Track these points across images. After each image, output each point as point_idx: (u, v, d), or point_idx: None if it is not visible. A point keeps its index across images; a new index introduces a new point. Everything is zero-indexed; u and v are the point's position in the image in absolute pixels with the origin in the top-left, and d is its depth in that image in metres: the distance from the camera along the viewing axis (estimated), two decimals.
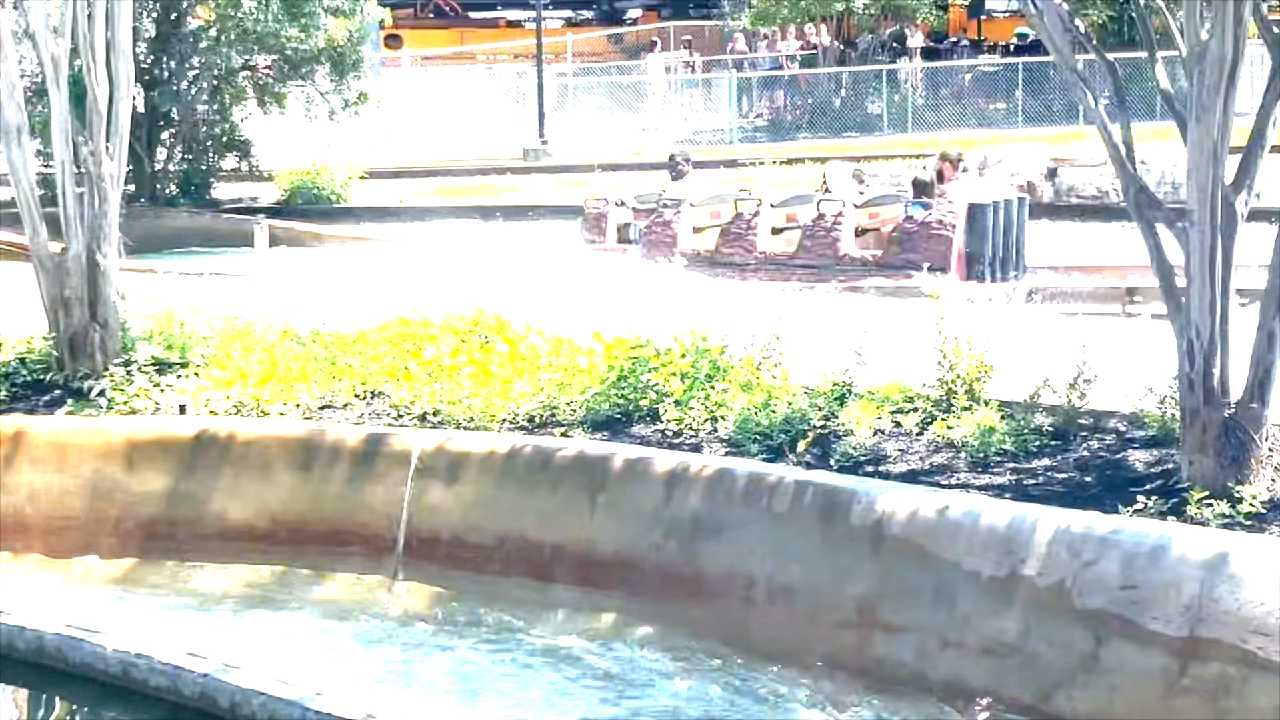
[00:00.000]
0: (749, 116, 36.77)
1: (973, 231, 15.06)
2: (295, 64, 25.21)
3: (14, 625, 5.62)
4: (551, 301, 10.81)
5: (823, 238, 15.79)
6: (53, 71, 9.07)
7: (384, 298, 12.73)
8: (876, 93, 34.82)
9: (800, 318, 8.77)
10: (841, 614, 6.22)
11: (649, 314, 9.56)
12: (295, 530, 7.83)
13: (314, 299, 13.77)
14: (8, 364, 9.24)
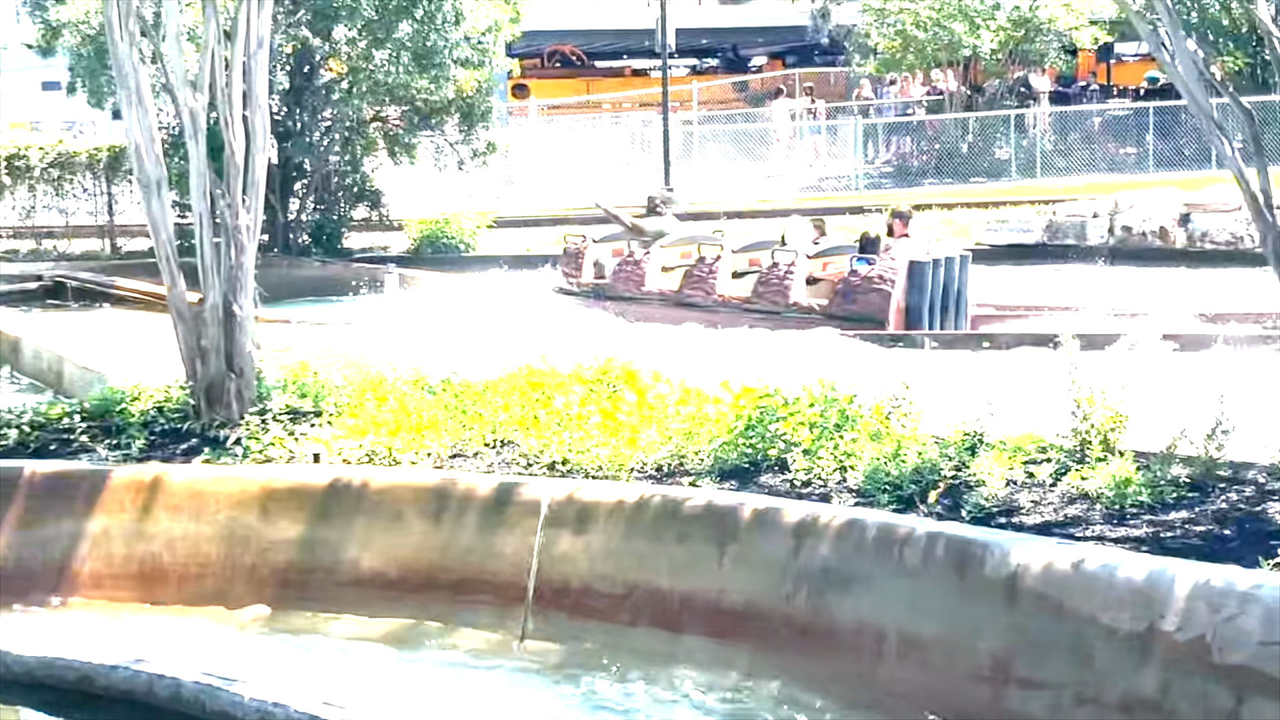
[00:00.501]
0: (875, 163, 36.67)
1: (912, 286, 16.07)
2: (425, 115, 25.56)
3: (153, 673, 5.69)
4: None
5: (776, 285, 16.81)
6: (191, 125, 9.23)
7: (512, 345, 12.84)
8: (1004, 138, 34.59)
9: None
10: (975, 668, 6.14)
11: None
12: (426, 579, 7.87)
13: (443, 347, 13.92)
14: (146, 413, 9.37)
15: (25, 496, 8.54)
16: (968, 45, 34.47)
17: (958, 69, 36.67)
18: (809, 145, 37.72)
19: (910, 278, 16.18)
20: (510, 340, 13.40)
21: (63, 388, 13.51)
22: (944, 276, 16.59)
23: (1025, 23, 34.74)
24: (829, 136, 37.90)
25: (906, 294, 16.10)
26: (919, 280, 16.21)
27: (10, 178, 28.56)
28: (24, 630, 6.56)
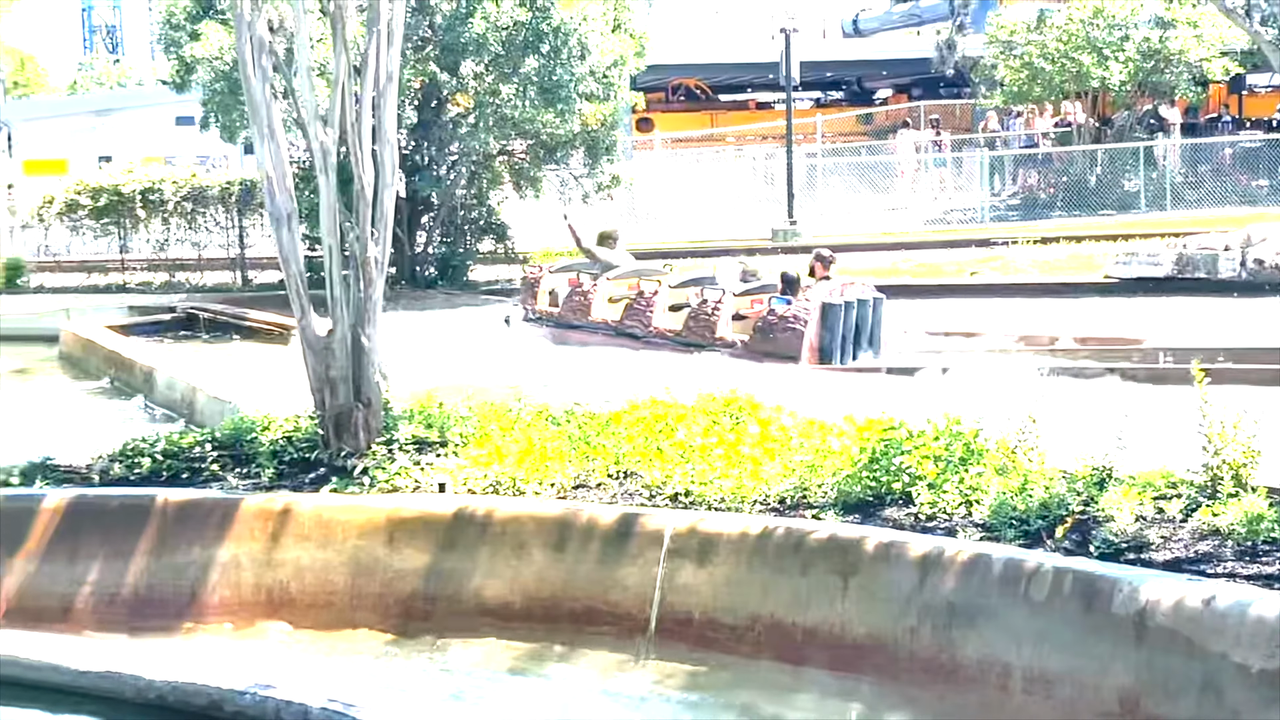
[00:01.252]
0: (1001, 195, 36.38)
1: (825, 326, 17.00)
2: (550, 148, 25.73)
3: (280, 699, 5.77)
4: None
5: (704, 320, 17.84)
6: (321, 160, 9.36)
7: (632, 377, 12.89)
8: (1134, 170, 34.18)
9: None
10: (1102, 705, 6.06)
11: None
12: (549, 608, 7.90)
13: (569, 378, 14.00)
14: (276, 442, 9.50)
15: (158, 524, 8.68)
16: (1096, 77, 34.12)
17: (1085, 100, 36.30)
18: (934, 178, 37.51)
19: (823, 318, 17.07)
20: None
21: (195, 417, 13.72)
22: (856, 316, 17.50)
23: (1155, 54, 34.32)
24: (954, 169, 37.67)
25: (819, 333, 17.00)
26: (831, 321, 17.09)
27: (145, 211, 29.21)
28: (155, 655, 6.66)
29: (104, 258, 30.85)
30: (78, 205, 29.81)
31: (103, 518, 8.73)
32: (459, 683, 7.44)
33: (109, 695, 6.37)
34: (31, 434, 13.23)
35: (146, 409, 15.79)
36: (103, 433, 12.44)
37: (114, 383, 18.02)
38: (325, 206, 9.40)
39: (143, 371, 16.83)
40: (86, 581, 8.55)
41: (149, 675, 6.27)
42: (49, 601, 8.47)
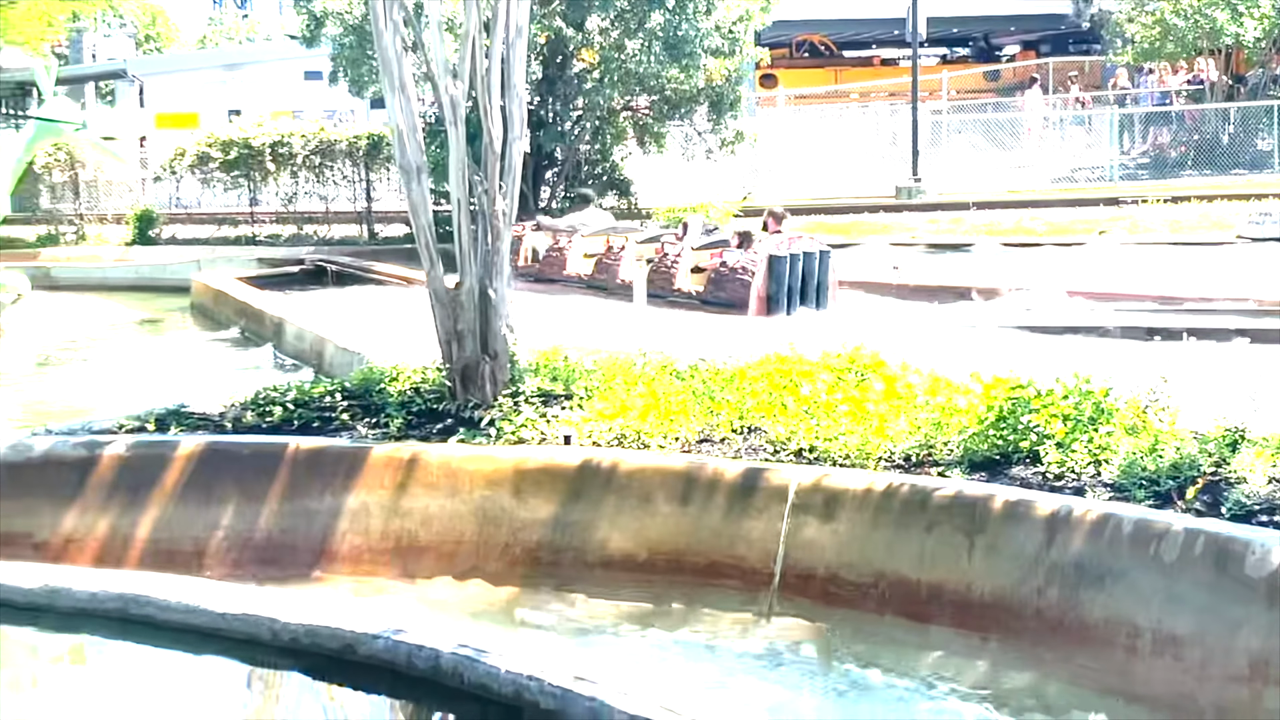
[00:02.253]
0: (1130, 154, 35.79)
1: (771, 277, 18.67)
2: (675, 104, 25.73)
3: (412, 643, 5.85)
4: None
5: (664, 272, 19.47)
6: (451, 113, 9.43)
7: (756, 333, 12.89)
8: (1267, 129, 33.48)
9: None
10: (1233, 667, 5.99)
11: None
12: (673, 561, 7.95)
13: (689, 333, 14.02)
14: (404, 393, 9.61)
15: (289, 471, 8.81)
16: (1229, 34, 33.44)
17: (1219, 58, 35.60)
18: (1061, 136, 37.00)
19: (770, 269, 18.67)
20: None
21: (323, 367, 13.91)
22: (803, 268, 19.10)
23: None
24: (1083, 127, 37.12)
25: (766, 283, 18.64)
26: (778, 271, 18.73)
27: (274, 164, 29.58)
28: (286, 600, 6.78)
29: (233, 210, 31.31)
30: (208, 158, 30.26)
31: (235, 464, 8.86)
32: (584, 633, 7.51)
33: (245, 637, 6.49)
34: (164, 382, 13.51)
35: (276, 359, 16.03)
36: (233, 382, 12.68)
37: (244, 333, 18.31)
38: (454, 160, 9.45)
39: (272, 322, 17.08)
40: (219, 526, 8.70)
41: (284, 618, 6.37)
42: (183, 545, 8.62)
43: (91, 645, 6.93)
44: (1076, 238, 24.82)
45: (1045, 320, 16.62)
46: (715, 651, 7.20)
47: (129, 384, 15.25)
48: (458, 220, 9.42)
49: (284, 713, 6.34)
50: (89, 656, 6.93)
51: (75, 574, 7.22)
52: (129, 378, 16.00)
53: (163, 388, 13.15)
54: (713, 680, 6.78)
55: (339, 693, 6.24)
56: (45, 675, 6.91)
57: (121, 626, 6.84)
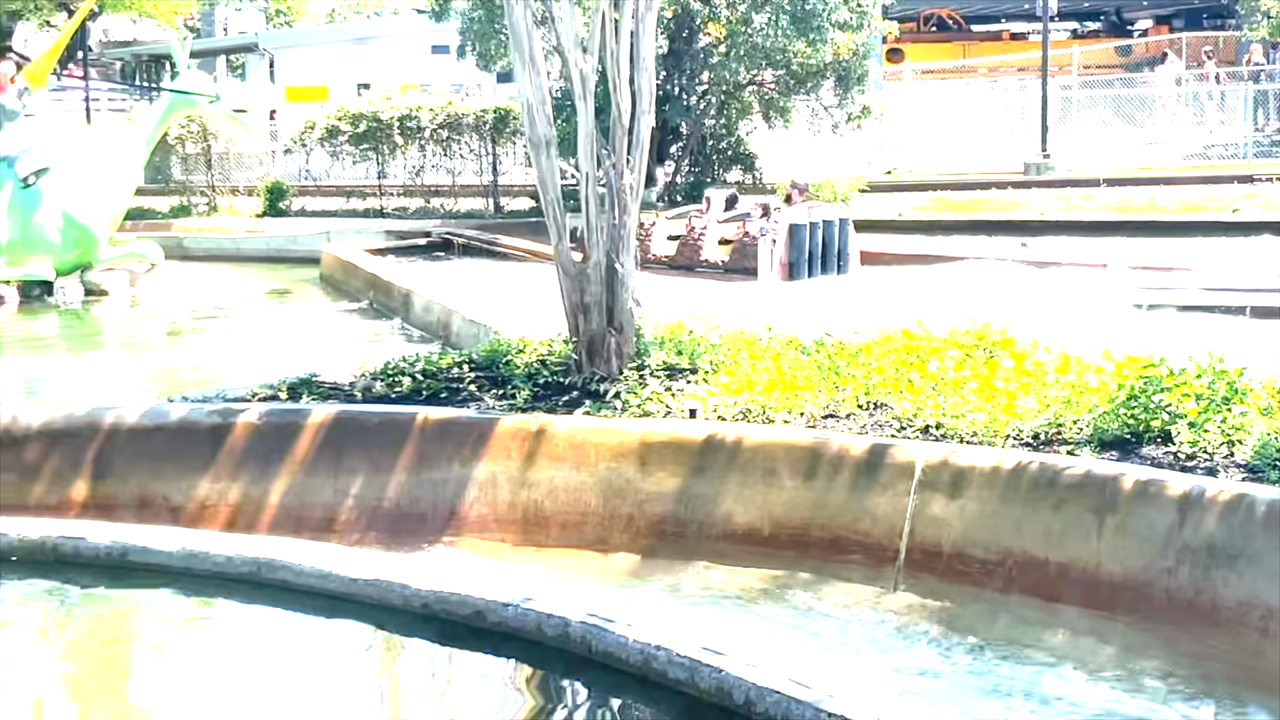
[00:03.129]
0: (1265, 130, 35.09)
1: (792, 245, 19.83)
2: (801, 78, 25.59)
3: (542, 611, 5.91)
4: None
5: (692, 245, 20.55)
6: (580, 87, 9.46)
7: (880, 309, 12.83)
8: None
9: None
10: None
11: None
12: (797, 536, 7.95)
13: (815, 309, 14.00)
14: (530, 365, 9.69)
15: (417, 441, 8.91)
16: None
17: None
18: (1194, 112, 36.34)
19: (791, 237, 19.83)
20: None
21: (451, 339, 14.05)
22: (823, 236, 20.32)
23: None
24: (1216, 103, 36.44)
25: (788, 250, 19.82)
26: (799, 240, 19.91)
27: (402, 138, 29.81)
28: (416, 567, 6.88)
29: (362, 182, 31.62)
30: (338, 131, 30.56)
31: (365, 433, 8.99)
32: (708, 605, 7.54)
33: (375, 603, 6.59)
34: (294, 352, 13.71)
35: (403, 330, 16.20)
36: (362, 352, 12.84)
37: (373, 304, 18.52)
38: (583, 134, 9.49)
39: (400, 294, 17.25)
40: (349, 494, 8.82)
41: (415, 584, 6.46)
42: (313, 512, 8.76)
43: (227, 608, 7.07)
44: (1209, 215, 24.39)
45: (1174, 299, 16.36)
46: (840, 626, 7.20)
47: (259, 353, 15.49)
48: (585, 194, 9.47)
49: (414, 678, 6.44)
50: (225, 619, 7.07)
51: (212, 538, 7.37)
52: (259, 347, 16.25)
53: (292, 357, 13.33)
54: (838, 655, 6.78)
55: (468, 658, 6.32)
56: (184, 637, 7.06)
57: (255, 590, 6.98)
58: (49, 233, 20.38)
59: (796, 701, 4.76)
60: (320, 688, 6.27)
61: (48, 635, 6.99)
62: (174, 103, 22.38)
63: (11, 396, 12.47)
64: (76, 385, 13.89)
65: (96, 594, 7.23)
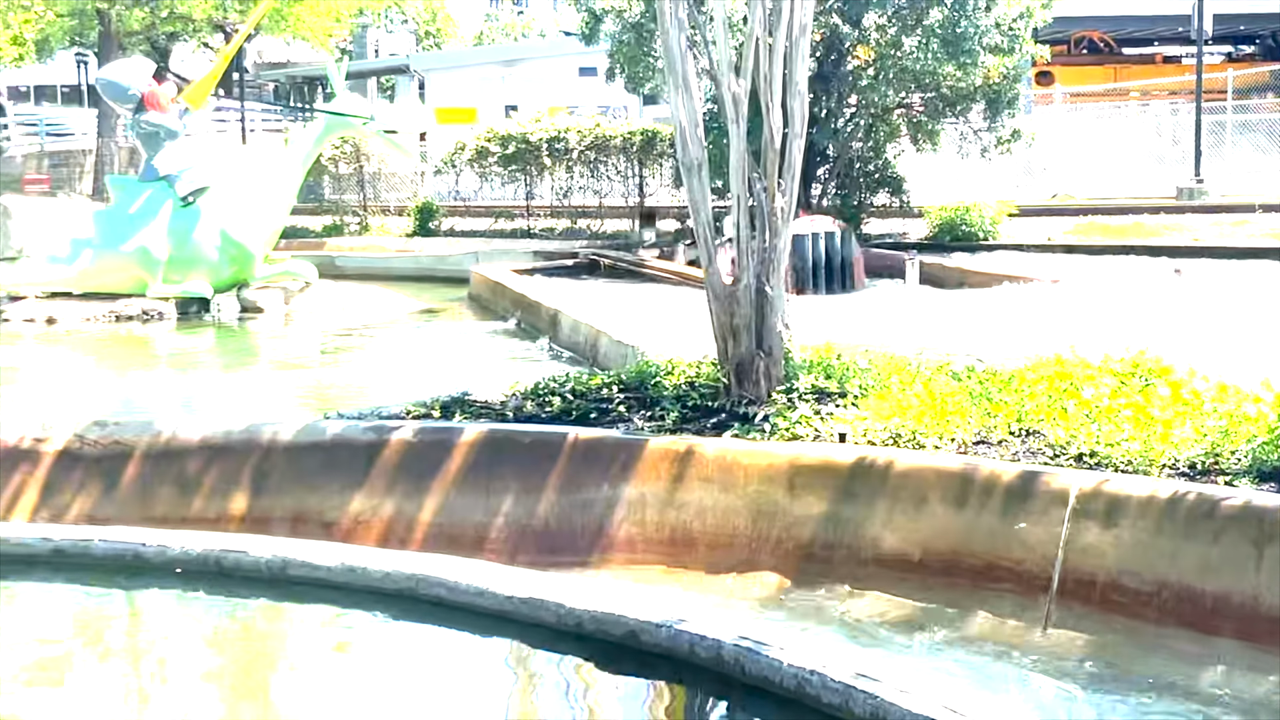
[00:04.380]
0: None
1: (796, 254, 20.30)
2: (950, 101, 25.44)
3: (694, 633, 5.93)
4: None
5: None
6: (733, 110, 9.49)
7: (1033, 336, 12.72)
8: None
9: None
10: None
11: None
12: (947, 562, 7.89)
13: (965, 334, 13.90)
14: (678, 387, 9.73)
15: (567, 460, 8.98)
16: None
17: None
18: None
19: (794, 248, 20.16)
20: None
21: (598, 360, 14.14)
22: (825, 247, 21.85)
23: None
24: None
25: (792, 261, 20.74)
26: (800, 250, 20.94)
27: (550, 159, 30.08)
28: (570, 586, 6.93)
29: (510, 203, 31.94)
30: (487, 152, 30.91)
31: (516, 452, 9.07)
32: (857, 630, 7.52)
33: (530, 621, 6.65)
34: (443, 370, 13.88)
35: (550, 350, 16.32)
36: (510, 371, 12.97)
37: (520, 324, 18.69)
38: (734, 157, 9.51)
39: (548, 314, 17.39)
40: (499, 512, 8.91)
41: (569, 603, 6.52)
42: (464, 530, 8.86)
43: (383, 623, 7.17)
44: None
45: None
46: (991, 654, 7.14)
47: (410, 371, 15.71)
48: (736, 217, 9.49)
49: (566, 697, 6.48)
50: (381, 634, 7.18)
51: (370, 554, 7.49)
52: (409, 365, 16.47)
53: (442, 376, 13.52)
54: (989, 683, 6.73)
55: (620, 679, 6.35)
56: (342, 650, 7.19)
57: (411, 605, 7.07)
58: (207, 250, 20.84)
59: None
60: (473, 705, 6.35)
61: (212, 646, 7.14)
62: (330, 124, 22.78)
63: (170, 411, 12.76)
64: (232, 400, 14.17)
65: (258, 606, 7.38)
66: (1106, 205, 30.01)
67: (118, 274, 20.77)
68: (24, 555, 7.87)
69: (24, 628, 7.32)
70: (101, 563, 7.75)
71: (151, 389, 14.36)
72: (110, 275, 20.79)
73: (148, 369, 17.29)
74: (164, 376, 16.53)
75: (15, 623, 7.44)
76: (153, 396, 13.67)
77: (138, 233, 20.78)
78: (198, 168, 21.00)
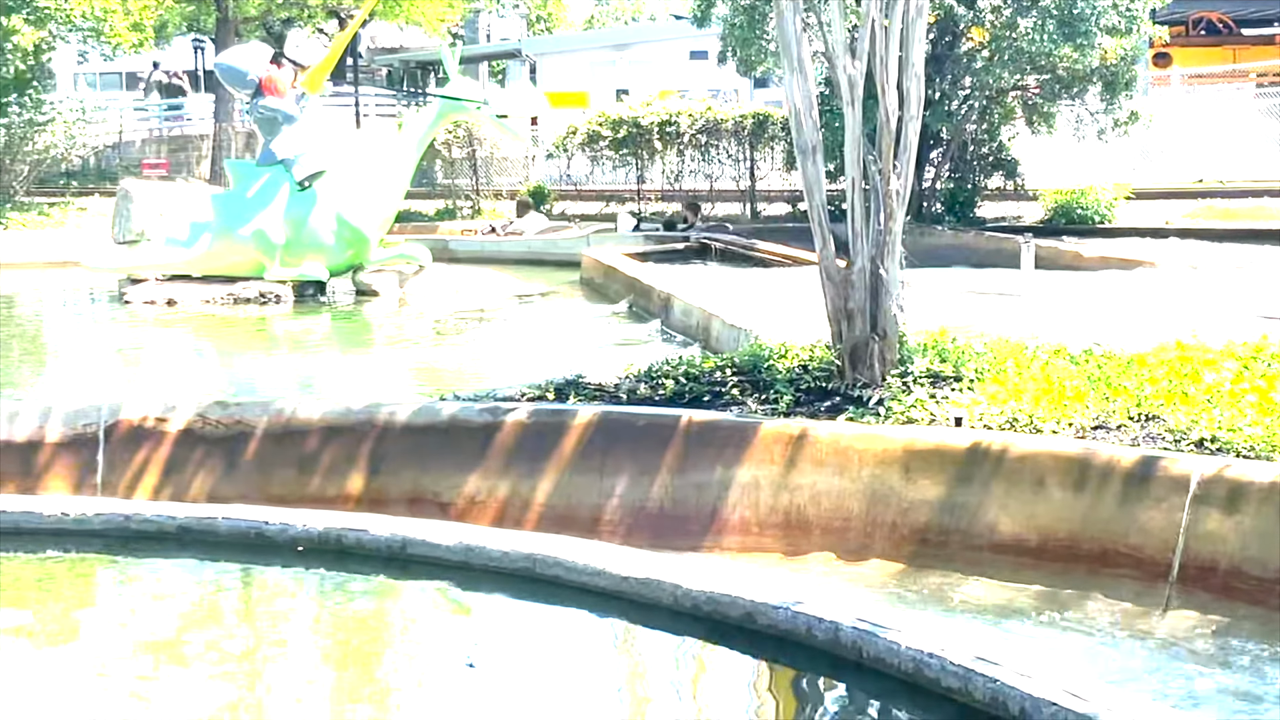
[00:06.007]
0: None
1: None
2: (1066, 83, 25.14)
3: (812, 615, 5.93)
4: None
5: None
6: (848, 92, 9.46)
7: (1151, 321, 12.57)
8: None
9: None
10: None
11: None
12: (1065, 548, 7.85)
13: (1079, 318, 13.76)
14: (792, 370, 9.73)
15: (681, 443, 9.01)
16: None
17: None
18: None
19: None
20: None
21: (710, 343, 14.13)
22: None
23: None
24: None
25: None
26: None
27: (661, 143, 30.11)
28: (687, 567, 6.95)
29: (620, 187, 32.01)
30: (598, 136, 30.98)
31: (630, 434, 9.11)
32: (973, 615, 7.49)
33: (646, 601, 6.67)
34: (557, 352, 13.95)
35: (663, 333, 16.35)
36: (622, 355, 13.02)
37: (632, 307, 18.73)
38: (850, 139, 9.49)
39: (660, 297, 17.41)
40: (613, 494, 8.96)
41: (687, 584, 6.54)
42: (578, 511, 8.92)
43: (500, 602, 7.24)
44: None
45: None
46: (1110, 640, 7.09)
47: (522, 353, 15.80)
48: (851, 200, 9.47)
49: (682, 676, 6.52)
50: (498, 613, 7.24)
51: (488, 534, 7.55)
52: (521, 347, 16.57)
53: (555, 358, 13.58)
54: (1108, 669, 6.68)
55: (737, 659, 6.37)
56: (460, 629, 7.27)
57: (528, 585, 7.13)
58: (323, 234, 21.05)
59: (1074, 714, 4.71)
60: (588, 684, 6.39)
61: (333, 623, 7.25)
62: (444, 109, 22.90)
63: (289, 391, 12.94)
64: (348, 382, 14.34)
65: (377, 583, 7.48)
66: (1225, 189, 29.54)
67: (236, 257, 21.02)
68: (152, 532, 8.02)
69: (152, 602, 7.48)
70: (225, 540, 7.88)
71: (270, 370, 14.55)
72: (228, 258, 21.04)
73: (266, 351, 17.52)
74: (282, 358, 16.74)
75: (143, 597, 7.60)
76: (271, 377, 13.85)
77: (255, 216, 21.02)
78: (314, 152, 21.21)
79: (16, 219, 32.26)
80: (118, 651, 6.76)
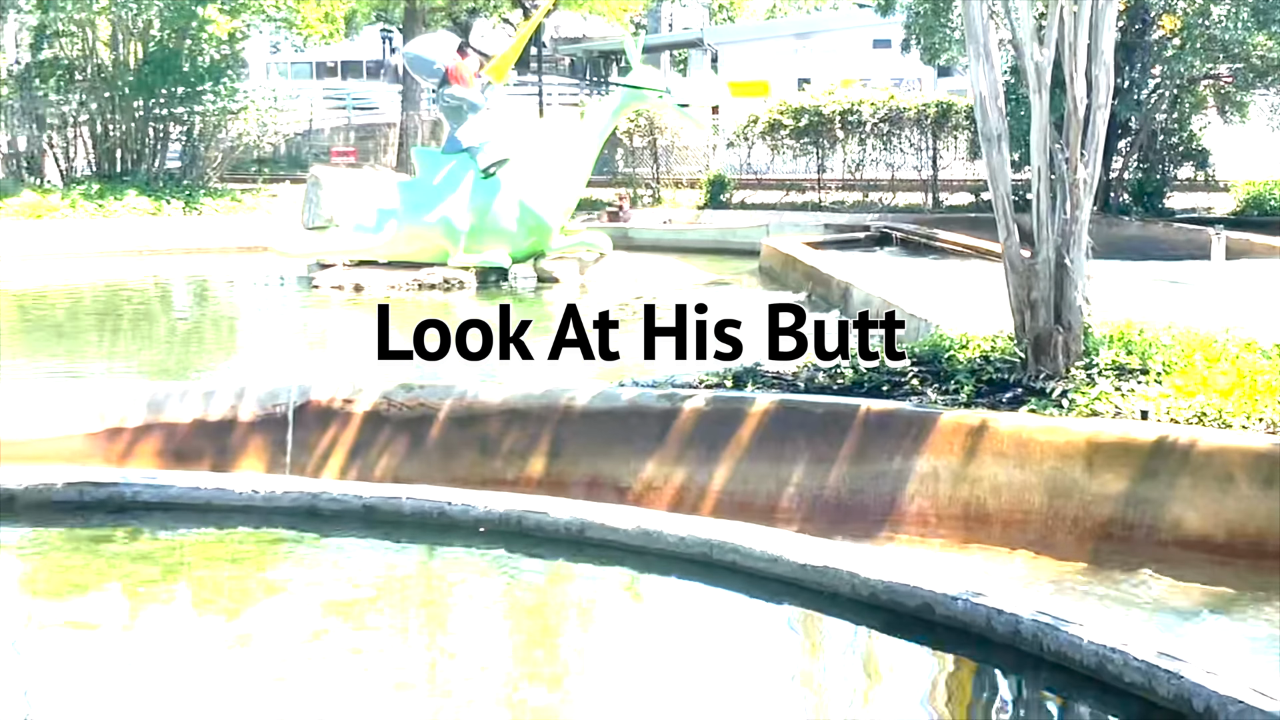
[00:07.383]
0: None
1: None
2: (1261, 72, 24.55)
3: (993, 607, 5.88)
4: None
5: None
6: (1035, 80, 9.35)
7: None
8: None
9: None
10: None
11: None
12: (1254, 545, 7.69)
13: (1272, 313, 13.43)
14: (973, 360, 9.64)
15: (859, 432, 8.97)
16: None
17: None
18: None
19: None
20: None
21: None
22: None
23: None
24: None
25: None
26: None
27: (843, 132, 29.97)
28: (864, 555, 6.93)
29: (800, 176, 31.91)
30: (779, 125, 30.93)
31: (807, 423, 9.10)
32: (1157, 611, 7.36)
33: (823, 589, 6.67)
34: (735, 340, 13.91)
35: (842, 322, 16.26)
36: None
37: (811, 296, 18.67)
38: (1036, 127, 9.37)
39: (840, 287, 17.35)
40: (790, 482, 8.95)
41: (864, 573, 6.52)
42: (755, 499, 8.93)
43: (678, 586, 7.27)
44: None
45: None
46: None
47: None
48: (1037, 189, 9.36)
49: (858, 665, 6.50)
50: (675, 597, 7.29)
51: (665, 518, 7.58)
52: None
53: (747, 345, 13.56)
54: None
55: (914, 651, 6.34)
56: (638, 612, 7.33)
57: (704, 570, 7.16)
58: (506, 221, 21.30)
59: (1261, 712, 4.61)
60: (764, 669, 6.41)
61: (513, 603, 7.35)
62: (626, 98, 23.03)
63: (471, 375, 13.12)
64: (529, 367, 14.47)
65: (556, 566, 7.56)
66: None
67: (421, 243, 21.36)
68: (339, 511, 8.20)
69: (339, 578, 7.64)
70: (409, 519, 8.03)
71: (453, 354, 14.73)
72: (414, 244, 21.39)
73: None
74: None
75: (331, 574, 7.77)
76: (454, 361, 14.05)
77: (441, 204, 21.34)
78: (499, 140, 21.46)
79: (210, 204, 33.10)
80: (309, 625, 6.93)
